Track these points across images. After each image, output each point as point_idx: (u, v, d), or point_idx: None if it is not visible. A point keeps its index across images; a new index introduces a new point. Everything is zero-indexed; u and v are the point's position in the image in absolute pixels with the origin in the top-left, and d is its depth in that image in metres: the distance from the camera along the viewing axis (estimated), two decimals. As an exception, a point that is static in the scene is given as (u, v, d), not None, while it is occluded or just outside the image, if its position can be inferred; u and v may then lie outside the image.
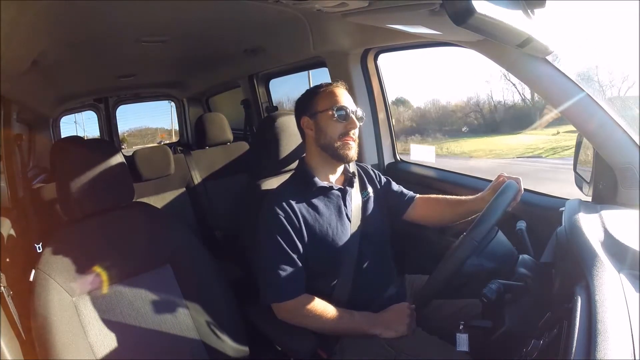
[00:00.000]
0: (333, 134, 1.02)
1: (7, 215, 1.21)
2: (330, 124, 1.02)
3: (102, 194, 1.01)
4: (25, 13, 0.92)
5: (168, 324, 1.02)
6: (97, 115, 3.32)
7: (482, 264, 0.83)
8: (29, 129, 2.59)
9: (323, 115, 1.03)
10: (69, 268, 0.94)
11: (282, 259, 0.96)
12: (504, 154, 4.53)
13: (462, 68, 4.10)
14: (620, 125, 0.84)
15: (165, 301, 1.03)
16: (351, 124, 1.02)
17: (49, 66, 1.48)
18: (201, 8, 1.21)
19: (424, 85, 5.92)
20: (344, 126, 1.02)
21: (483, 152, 4.68)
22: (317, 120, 1.04)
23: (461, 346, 0.80)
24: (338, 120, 1.01)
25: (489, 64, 0.92)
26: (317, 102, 1.05)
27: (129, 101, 3.40)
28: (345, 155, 1.02)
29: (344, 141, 1.02)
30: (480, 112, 5.06)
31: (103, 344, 0.93)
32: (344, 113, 1.02)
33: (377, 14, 0.91)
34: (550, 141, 4.14)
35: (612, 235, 0.69)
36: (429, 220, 1.19)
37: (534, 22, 0.71)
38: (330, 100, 1.04)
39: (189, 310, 1.04)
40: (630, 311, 0.51)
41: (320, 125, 1.04)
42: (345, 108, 1.02)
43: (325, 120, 1.03)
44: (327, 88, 1.06)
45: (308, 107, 1.07)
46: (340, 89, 1.07)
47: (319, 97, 1.06)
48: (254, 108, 2.46)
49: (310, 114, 1.05)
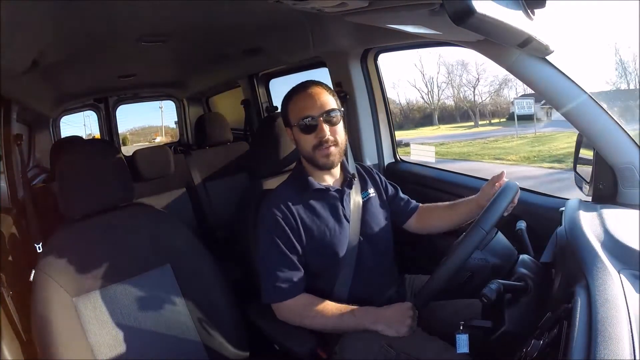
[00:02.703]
0: (306, 147, 1.00)
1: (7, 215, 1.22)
2: (302, 138, 1.00)
3: (102, 194, 1.01)
4: (25, 13, 0.92)
5: (168, 324, 1.02)
6: (97, 115, 3.32)
7: (485, 258, 0.83)
8: (29, 129, 2.59)
9: (295, 129, 1.01)
10: (69, 268, 0.94)
11: (280, 260, 0.96)
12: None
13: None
14: (620, 125, 0.84)
15: (165, 301, 1.03)
16: (320, 132, 0.97)
17: (49, 66, 1.48)
18: (201, 8, 1.21)
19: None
20: (313, 137, 0.98)
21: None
22: (293, 132, 1.03)
23: (461, 347, 0.80)
24: (307, 131, 0.99)
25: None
26: (289, 112, 1.03)
27: (129, 101, 3.40)
28: (324, 164, 1.00)
29: (320, 151, 0.99)
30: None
31: (103, 344, 0.93)
32: (309, 123, 0.98)
33: (377, 14, 0.90)
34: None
35: (612, 235, 0.69)
36: (425, 230, 1.18)
37: (534, 22, 0.71)
38: (297, 109, 1.00)
39: (189, 310, 1.04)
40: (630, 311, 0.51)
41: (295, 138, 1.03)
42: (310, 117, 0.97)
43: (297, 133, 1.01)
44: (295, 96, 1.02)
45: (286, 119, 1.05)
46: (309, 90, 1.01)
47: (290, 108, 1.03)
48: (254, 108, 2.46)
49: (289, 125, 1.04)
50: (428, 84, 5.95)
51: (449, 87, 6.14)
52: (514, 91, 5.74)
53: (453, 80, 6.09)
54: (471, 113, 6.02)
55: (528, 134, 5.37)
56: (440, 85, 5.99)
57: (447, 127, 5.89)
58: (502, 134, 5.63)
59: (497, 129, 5.58)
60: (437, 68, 5.95)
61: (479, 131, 5.71)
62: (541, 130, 5.38)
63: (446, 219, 1.13)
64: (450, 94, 6.00)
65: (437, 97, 5.96)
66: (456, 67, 6.14)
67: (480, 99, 6.06)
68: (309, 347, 0.93)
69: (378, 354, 0.93)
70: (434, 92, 5.93)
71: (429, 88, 5.99)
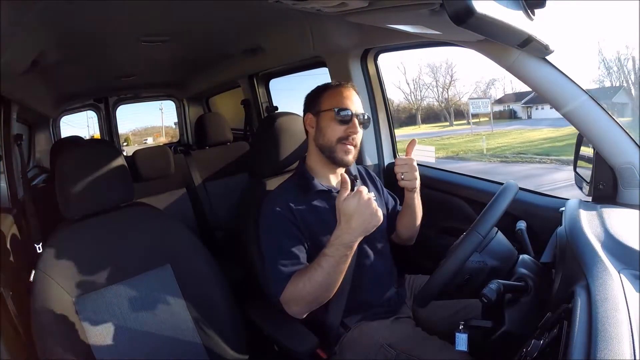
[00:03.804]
0: (332, 136, 1.00)
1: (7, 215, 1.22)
2: (331, 125, 1.00)
3: (102, 194, 1.01)
4: (25, 13, 0.92)
5: (168, 324, 1.02)
6: (97, 115, 3.32)
7: (484, 260, 0.83)
8: (29, 129, 2.59)
9: (325, 115, 1.01)
10: (69, 268, 0.94)
11: (284, 255, 0.94)
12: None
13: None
14: (620, 125, 0.84)
15: (165, 301, 1.03)
16: (352, 127, 0.99)
17: (49, 66, 1.48)
18: (201, 8, 1.21)
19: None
20: (344, 129, 0.99)
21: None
22: (320, 118, 1.02)
23: (460, 346, 0.80)
24: (339, 122, 0.99)
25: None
26: (322, 100, 1.03)
27: (129, 101, 3.40)
28: (341, 159, 1.01)
29: (343, 145, 0.99)
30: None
31: (102, 344, 0.93)
32: (346, 115, 0.99)
33: (377, 14, 0.90)
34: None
35: (612, 235, 0.69)
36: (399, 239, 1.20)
37: (534, 22, 0.71)
38: (335, 100, 1.01)
39: (189, 311, 1.04)
40: (630, 311, 0.51)
41: (321, 125, 1.02)
42: (349, 110, 0.99)
43: (326, 120, 1.01)
44: (336, 88, 1.04)
45: (313, 104, 1.05)
46: (350, 90, 1.04)
47: (326, 96, 1.03)
48: (254, 108, 2.46)
49: (315, 111, 1.04)
50: (410, 85, 6.60)
51: (428, 89, 6.83)
52: (501, 91, 6.32)
53: (428, 83, 6.73)
54: (446, 113, 6.59)
55: (483, 132, 5.77)
56: (421, 87, 6.75)
57: (427, 126, 6.69)
58: (462, 133, 6.08)
59: (469, 127, 6.01)
60: (418, 70, 6.51)
61: (452, 129, 6.37)
62: (500, 129, 5.82)
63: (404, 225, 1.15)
64: (430, 96, 6.78)
65: (420, 99, 6.75)
66: (432, 69, 6.70)
67: (459, 99, 6.65)
68: (309, 347, 0.93)
69: (378, 353, 0.93)
70: (416, 94, 6.74)
71: (411, 89, 6.70)
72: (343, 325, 1.02)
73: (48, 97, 2.32)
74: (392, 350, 0.92)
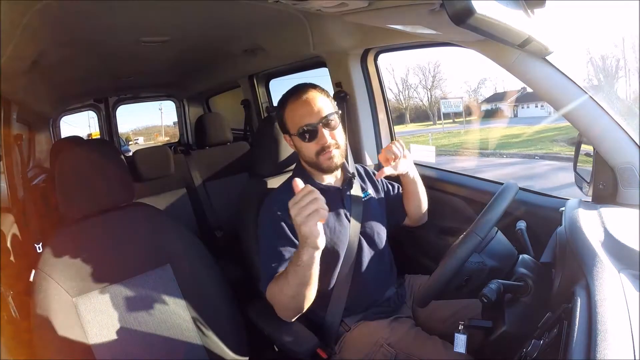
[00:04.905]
0: (309, 153, 1.00)
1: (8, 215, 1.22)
2: (303, 145, 1.00)
3: (102, 194, 1.01)
4: (25, 13, 0.92)
5: (167, 324, 1.02)
6: (97, 115, 3.32)
7: (483, 261, 0.83)
8: (29, 129, 2.59)
9: (295, 138, 1.01)
10: (69, 268, 0.94)
11: (273, 256, 0.95)
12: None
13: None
14: (620, 125, 0.84)
15: (165, 301, 1.03)
16: (321, 139, 0.97)
17: (49, 66, 1.48)
18: (201, 8, 1.21)
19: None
20: (315, 144, 0.98)
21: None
22: (293, 140, 1.03)
23: (459, 346, 0.80)
24: (308, 139, 0.98)
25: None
26: (287, 120, 1.02)
27: (129, 101, 3.40)
28: (328, 167, 1.01)
29: (323, 156, 0.99)
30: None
31: (103, 344, 0.93)
32: (312, 130, 0.97)
33: (377, 14, 0.90)
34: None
35: (612, 235, 0.69)
36: (411, 220, 1.21)
37: (534, 22, 0.71)
38: (297, 117, 0.99)
39: (189, 311, 1.04)
40: (630, 311, 0.51)
41: (296, 145, 1.03)
42: (311, 124, 0.97)
43: (298, 141, 1.01)
44: (295, 101, 1.00)
45: (282, 125, 1.05)
46: (308, 94, 0.99)
47: (288, 115, 1.02)
48: (254, 108, 2.46)
49: (287, 133, 1.04)
50: (398, 86, 6.89)
51: (413, 90, 7.28)
52: (492, 91, 6.58)
53: (412, 84, 7.16)
54: (429, 112, 6.88)
55: (454, 131, 6.03)
56: (409, 87, 7.03)
57: (415, 125, 7.20)
58: (437, 131, 6.38)
59: (454, 126, 6.27)
60: (406, 71, 6.77)
61: (434, 128, 6.93)
62: (472, 128, 6.08)
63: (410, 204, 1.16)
64: (416, 96, 7.26)
65: (407, 98, 7.19)
66: (420, 70, 6.94)
67: (442, 98, 6.95)
68: (309, 347, 0.93)
69: (378, 353, 0.93)
70: (404, 94, 7.26)
71: (399, 89, 7.20)
72: (343, 325, 1.02)
73: (48, 97, 2.32)
74: (391, 350, 0.92)
